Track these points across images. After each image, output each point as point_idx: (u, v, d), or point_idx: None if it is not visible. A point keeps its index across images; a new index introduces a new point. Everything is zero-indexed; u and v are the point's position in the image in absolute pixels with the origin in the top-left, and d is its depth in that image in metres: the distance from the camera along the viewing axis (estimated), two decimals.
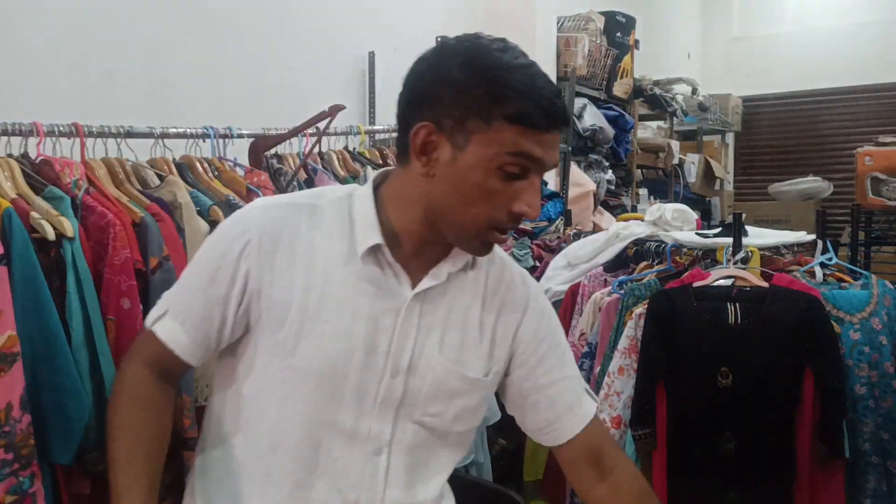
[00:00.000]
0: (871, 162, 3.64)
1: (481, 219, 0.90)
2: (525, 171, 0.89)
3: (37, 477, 1.25)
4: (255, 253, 0.94)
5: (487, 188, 0.89)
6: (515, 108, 0.86)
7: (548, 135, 0.88)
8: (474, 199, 0.90)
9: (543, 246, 2.91)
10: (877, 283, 1.83)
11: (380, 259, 0.96)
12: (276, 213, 0.97)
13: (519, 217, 0.90)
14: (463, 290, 1.01)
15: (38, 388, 1.29)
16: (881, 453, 1.72)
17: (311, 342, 0.93)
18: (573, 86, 3.70)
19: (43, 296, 1.29)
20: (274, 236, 0.94)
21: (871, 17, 6.03)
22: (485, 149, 0.88)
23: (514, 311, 1.05)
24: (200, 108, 2.10)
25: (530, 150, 0.88)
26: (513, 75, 0.87)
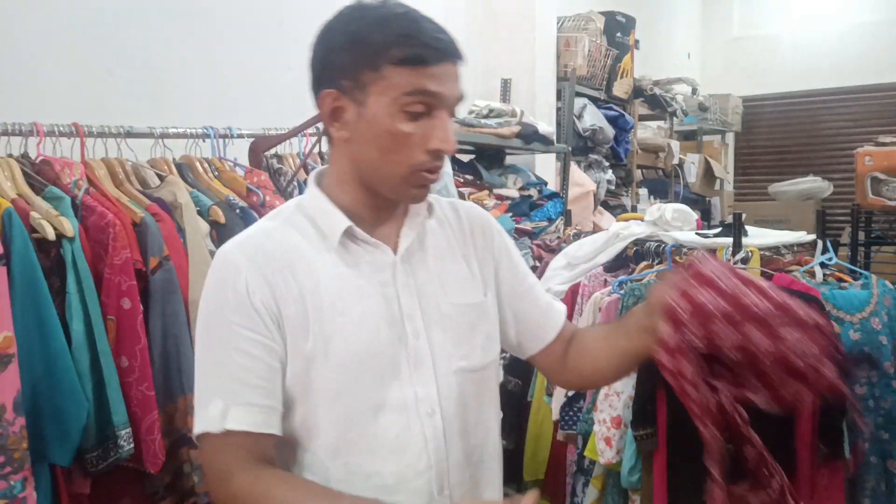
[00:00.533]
0: (871, 162, 3.64)
1: (402, 164, 0.94)
2: (429, 107, 0.93)
3: (28, 482, 1.24)
4: (257, 283, 0.94)
5: (397, 133, 0.92)
6: (399, 51, 0.90)
7: (438, 67, 0.92)
8: (389, 147, 0.93)
9: (543, 246, 2.91)
10: (877, 283, 1.83)
11: (355, 240, 0.99)
12: (250, 242, 0.99)
13: (437, 154, 0.94)
14: (437, 239, 1.07)
15: (36, 388, 1.29)
16: (881, 453, 1.73)
17: (340, 338, 0.95)
18: (573, 86, 3.70)
19: (42, 296, 1.29)
20: (261, 261, 0.95)
21: (871, 17, 6.03)
22: (382, 97, 0.92)
23: (482, 236, 1.12)
24: (200, 108, 2.10)
25: (424, 85, 0.91)
26: (391, 22, 0.92)
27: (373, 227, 1.01)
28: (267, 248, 0.97)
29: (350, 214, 0.99)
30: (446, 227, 1.09)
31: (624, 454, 1.78)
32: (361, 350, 0.96)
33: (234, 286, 0.94)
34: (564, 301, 2.31)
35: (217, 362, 0.95)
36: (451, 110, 0.95)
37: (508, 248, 1.16)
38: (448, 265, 1.06)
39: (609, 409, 1.80)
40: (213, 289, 0.96)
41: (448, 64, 0.93)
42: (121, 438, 1.37)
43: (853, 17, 6.12)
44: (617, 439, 1.79)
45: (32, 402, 1.28)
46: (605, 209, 3.95)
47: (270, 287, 0.94)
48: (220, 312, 0.94)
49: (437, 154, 0.94)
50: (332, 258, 0.98)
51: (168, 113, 1.92)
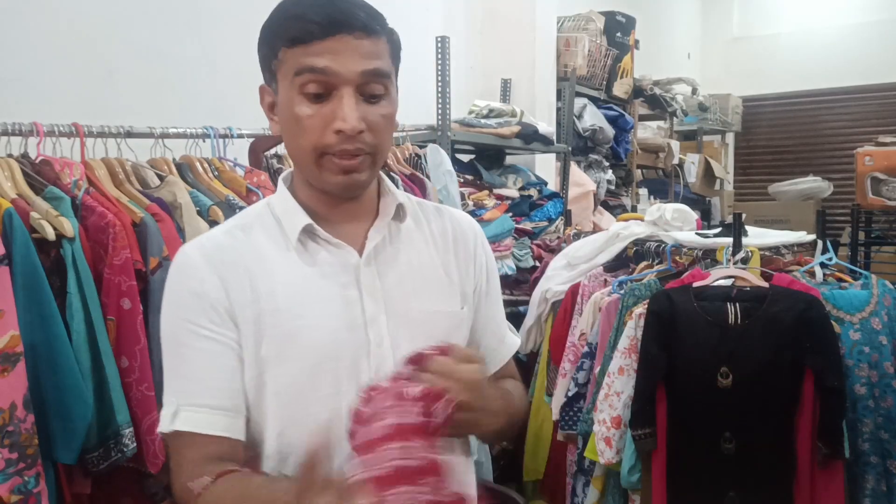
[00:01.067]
0: (871, 162, 3.64)
1: (308, 150, 0.90)
2: (326, 87, 0.88)
3: (41, 476, 1.25)
4: (214, 283, 0.92)
5: (300, 115, 0.89)
6: (287, 32, 0.88)
7: (327, 42, 0.86)
8: (296, 131, 0.90)
9: (543, 246, 2.91)
10: (877, 283, 1.83)
11: (317, 240, 0.96)
12: (209, 243, 0.97)
13: (342, 134, 0.87)
14: (413, 243, 1.02)
15: (40, 387, 1.29)
16: (880, 453, 1.73)
17: (295, 341, 0.92)
18: (573, 86, 3.69)
19: (45, 296, 1.30)
20: (219, 262, 0.93)
21: (871, 17, 6.03)
22: (284, 81, 0.90)
23: (466, 249, 1.07)
24: (200, 108, 2.10)
25: (312, 63, 0.86)
26: (284, 6, 0.90)
27: (336, 226, 0.97)
28: (226, 250, 0.95)
29: (312, 213, 0.96)
30: (425, 231, 1.04)
31: (624, 454, 1.78)
32: (317, 354, 0.92)
33: (189, 286, 0.93)
34: (564, 301, 2.32)
35: (175, 361, 0.94)
36: (354, 86, 0.88)
37: (489, 267, 1.11)
38: (423, 271, 1.01)
39: (609, 410, 1.80)
40: (172, 288, 0.95)
41: (341, 37, 0.86)
42: (125, 437, 1.37)
43: (853, 17, 6.12)
44: (617, 439, 1.79)
45: (38, 401, 1.28)
46: (605, 209, 3.95)
47: (226, 289, 0.92)
48: (177, 311, 0.94)
49: (342, 135, 0.87)
50: (293, 258, 0.95)
51: (168, 113, 1.92)
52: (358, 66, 0.87)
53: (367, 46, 0.87)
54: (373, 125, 0.90)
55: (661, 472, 1.73)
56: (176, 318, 0.94)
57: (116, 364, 1.39)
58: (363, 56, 0.87)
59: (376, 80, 0.89)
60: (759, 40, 6.54)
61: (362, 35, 0.87)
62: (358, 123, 0.87)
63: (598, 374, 1.94)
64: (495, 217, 2.66)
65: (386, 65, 0.90)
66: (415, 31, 3.00)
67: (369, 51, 0.88)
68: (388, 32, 0.92)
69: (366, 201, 1.00)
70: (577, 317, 2.25)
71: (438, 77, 2.58)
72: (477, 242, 1.09)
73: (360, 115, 0.88)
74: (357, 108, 0.88)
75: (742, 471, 1.67)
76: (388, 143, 0.95)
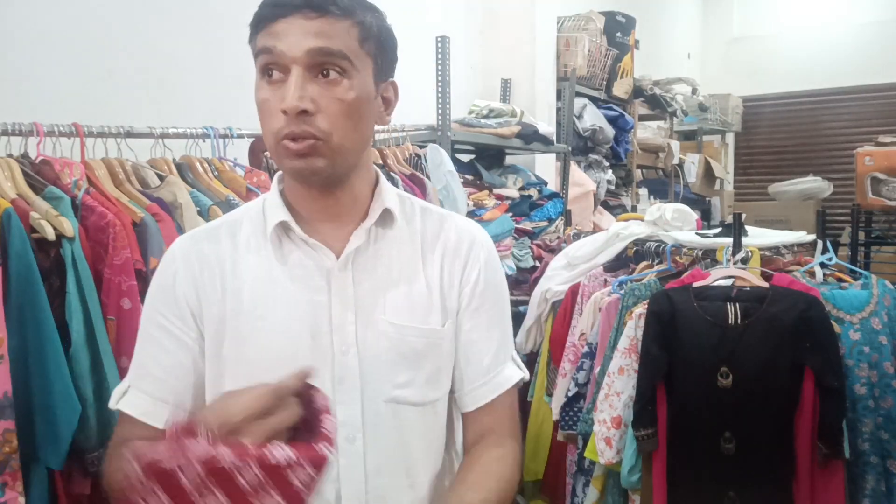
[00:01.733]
0: (871, 162, 3.64)
1: (268, 134, 0.88)
2: (279, 68, 0.85)
3: (9, 486, 1.21)
4: (185, 277, 0.93)
5: (259, 101, 0.88)
6: (253, 19, 0.88)
7: (279, 23, 0.85)
8: (261, 118, 0.89)
9: (543, 246, 2.91)
10: (877, 283, 1.83)
11: (293, 239, 0.94)
12: (195, 237, 0.98)
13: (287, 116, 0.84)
14: (398, 248, 0.97)
15: (29, 390, 1.28)
16: (880, 453, 1.72)
17: (254, 342, 0.91)
18: (573, 86, 3.70)
19: (38, 298, 1.29)
20: (197, 257, 0.94)
21: (871, 17, 6.03)
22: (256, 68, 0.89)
23: (458, 260, 0.99)
24: (200, 108, 2.10)
25: (264, 43, 0.86)
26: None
27: (317, 225, 0.94)
28: (203, 247, 0.95)
29: (294, 211, 0.94)
30: (417, 239, 0.98)
31: (624, 454, 1.78)
32: (276, 358, 0.89)
33: (165, 278, 0.95)
34: (564, 301, 2.32)
35: (139, 344, 0.96)
36: (303, 66, 0.84)
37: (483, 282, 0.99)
38: (403, 281, 0.95)
39: (609, 410, 1.80)
40: (154, 279, 0.98)
41: (293, 17, 0.84)
42: None
43: (853, 18, 6.12)
44: (617, 439, 1.79)
45: (26, 404, 1.27)
46: (605, 209, 3.95)
47: (196, 286, 0.93)
48: (150, 300, 0.96)
49: (287, 117, 0.84)
50: (267, 257, 0.93)
51: (168, 113, 1.92)
52: (304, 45, 0.83)
53: (317, 26, 0.84)
54: (323, 108, 0.85)
55: (661, 471, 1.73)
56: (149, 303, 0.97)
57: (117, 364, 1.38)
58: (312, 35, 0.84)
59: (328, 59, 0.84)
60: (759, 40, 6.55)
61: (313, 15, 0.84)
62: (299, 102, 0.83)
63: (598, 374, 1.94)
64: (495, 217, 2.66)
65: (343, 45, 0.85)
66: (415, 31, 3.01)
67: (321, 30, 0.84)
68: (361, 19, 0.87)
69: (350, 200, 0.95)
70: (577, 317, 2.24)
71: (438, 77, 2.58)
72: (472, 254, 1.00)
73: (307, 95, 0.84)
74: (303, 87, 0.84)
75: (742, 471, 1.67)
76: (349, 132, 0.87)
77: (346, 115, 0.86)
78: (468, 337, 0.99)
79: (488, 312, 1.00)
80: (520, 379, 1.03)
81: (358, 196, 0.96)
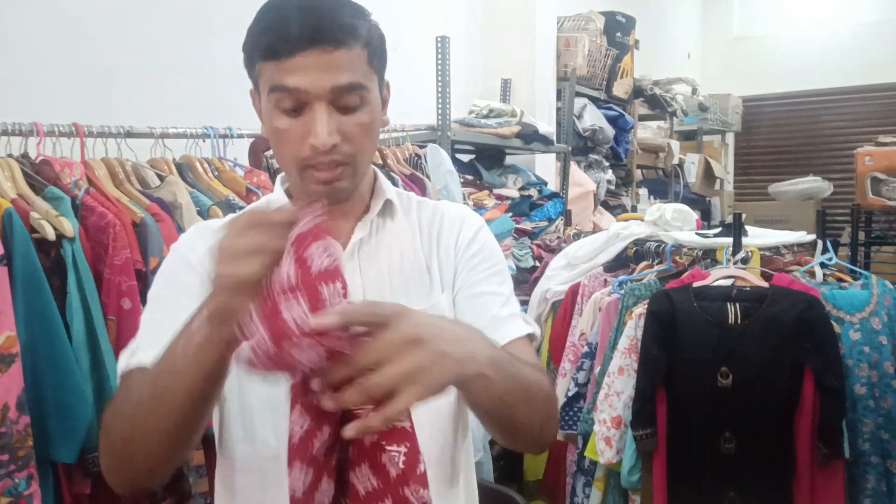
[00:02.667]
0: (871, 162, 3.64)
1: (291, 160, 0.90)
2: (299, 102, 0.86)
3: (33, 479, 1.24)
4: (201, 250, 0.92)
5: (279, 129, 0.88)
6: (260, 46, 0.86)
7: (295, 59, 0.84)
8: (277, 143, 0.90)
9: (543, 246, 2.91)
10: (877, 283, 1.83)
11: None
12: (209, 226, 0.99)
13: (315, 149, 0.86)
14: (397, 239, 1.01)
15: (40, 387, 1.29)
16: (881, 453, 1.73)
17: None
18: (573, 86, 3.70)
19: (45, 296, 1.30)
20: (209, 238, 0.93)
21: (871, 17, 6.03)
22: (264, 94, 0.89)
23: (451, 232, 1.04)
24: (200, 108, 2.10)
25: (282, 81, 0.85)
26: (261, 15, 0.87)
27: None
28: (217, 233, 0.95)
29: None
30: (415, 227, 1.04)
31: (624, 454, 1.78)
32: None
33: (180, 251, 0.96)
34: (564, 301, 2.32)
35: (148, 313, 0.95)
36: (326, 101, 0.86)
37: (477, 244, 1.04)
38: (405, 266, 1.00)
39: (609, 410, 1.80)
40: (164, 263, 0.98)
41: (310, 52, 0.83)
42: None
43: (853, 18, 6.12)
44: (617, 439, 1.79)
45: (37, 400, 1.28)
46: (605, 209, 3.95)
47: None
48: (163, 271, 0.97)
49: (316, 150, 0.86)
50: None
51: (168, 113, 1.92)
52: (328, 82, 0.85)
53: (338, 59, 0.85)
54: (349, 136, 0.88)
55: (661, 471, 1.73)
56: (159, 275, 0.97)
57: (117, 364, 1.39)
58: (334, 71, 0.85)
59: (350, 92, 0.87)
60: (759, 40, 6.55)
61: (332, 49, 0.84)
62: (329, 138, 0.86)
63: (598, 374, 1.94)
64: (495, 217, 2.66)
65: (360, 75, 0.87)
66: (415, 31, 3.01)
67: (340, 64, 0.85)
68: (365, 37, 0.88)
69: (357, 199, 1.00)
70: (577, 317, 2.25)
71: (438, 77, 2.58)
72: (464, 224, 1.04)
73: (335, 128, 0.86)
74: (330, 122, 0.86)
75: (742, 471, 1.67)
76: (368, 150, 0.93)
77: (367, 137, 0.91)
78: (471, 290, 1.01)
79: (488, 270, 1.03)
80: (530, 332, 1.02)
81: (361, 194, 1.01)
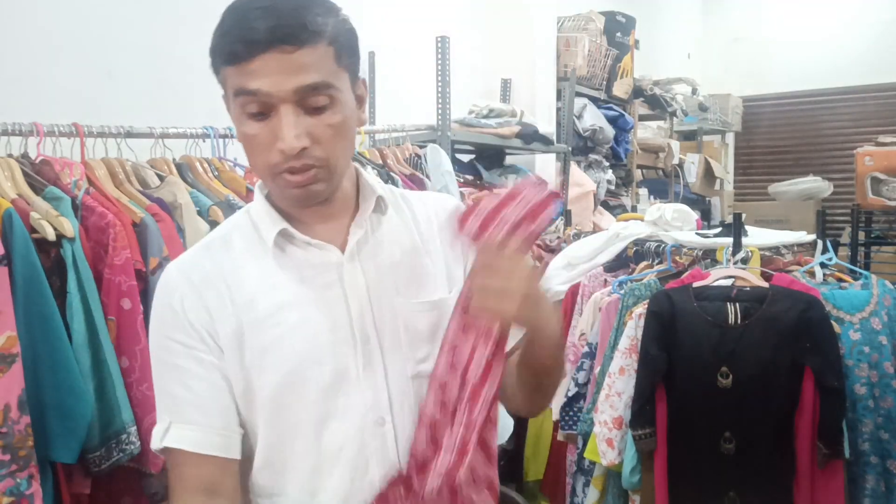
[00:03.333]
0: (871, 162, 3.64)
1: (262, 167, 0.87)
2: (265, 106, 0.83)
3: (34, 478, 1.25)
4: (192, 302, 0.92)
5: (245, 135, 0.86)
6: (221, 50, 0.84)
7: (256, 61, 0.81)
8: (248, 150, 0.88)
9: (543, 246, 2.91)
10: (877, 283, 1.83)
11: (296, 243, 0.94)
12: (189, 259, 0.97)
13: (284, 154, 0.84)
14: (395, 234, 1.00)
15: (40, 387, 1.29)
16: (880, 453, 1.73)
17: (274, 350, 0.91)
18: (573, 86, 3.70)
19: (44, 296, 1.30)
20: (197, 278, 0.93)
21: (871, 17, 6.03)
22: (229, 100, 0.87)
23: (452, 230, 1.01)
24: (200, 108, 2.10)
25: (244, 84, 0.82)
26: (223, 18, 0.84)
27: (313, 227, 0.95)
28: (204, 267, 0.94)
29: (287, 216, 0.95)
30: (409, 221, 1.02)
31: (625, 455, 1.78)
32: (297, 361, 0.90)
33: (171, 305, 0.92)
34: (564, 301, 2.32)
35: (163, 378, 0.93)
36: (292, 103, 0.83)
37: None
38: (406, 261, 0.98)
39: (610, 410, 1.80)
40: (155, 309, 0.95)
41: (270, 53, 0.80)
42: (131, 435, 1.38)
43: (853, 18, 6.12)
44: (618, 440, 1.78)
45: (37, 400, 1.28)
46: (605, 209, 3.95)
47: (206, 307, 0.91)
48: (161, 328, 0.93)
49: (284, 154, 0.83)
50: (270, 265, 0.93)
51: (168, 113, 1.92)
52: (291, 84, 0.81)
53: (299, 59, 0.81)
54: (318, 137, 0.85)
55: (661, 472, 1.73)
56: (159, 334, 0.93)
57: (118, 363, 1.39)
58: (297, 71, 0.81)
59: (316, 93, 0.83)
60: (759, 40, 6.54)
61: (293, 48, 0.80)
62: (297, 141, 0.83)
63: (598, 374, 1.94)
64: None
65: (326, 73, 0.84)
66: (415, 31, 3.01)
67: (303, 63, 0.81)
68: (330, 34, 0.84)
69: (341, 199, 0.97)
70: (577, 317, 2.25)
71: (438, 77, 2.58)
72: None
73: (303, 131, 0.83)
74: (297, 125, 0.83)
75: (742, 471, 1.67)
76: (342, 150, 0.89)
77: (339, 137, 0.88)
78: None
79: None
80: None
81: (346, 193, 0.98)
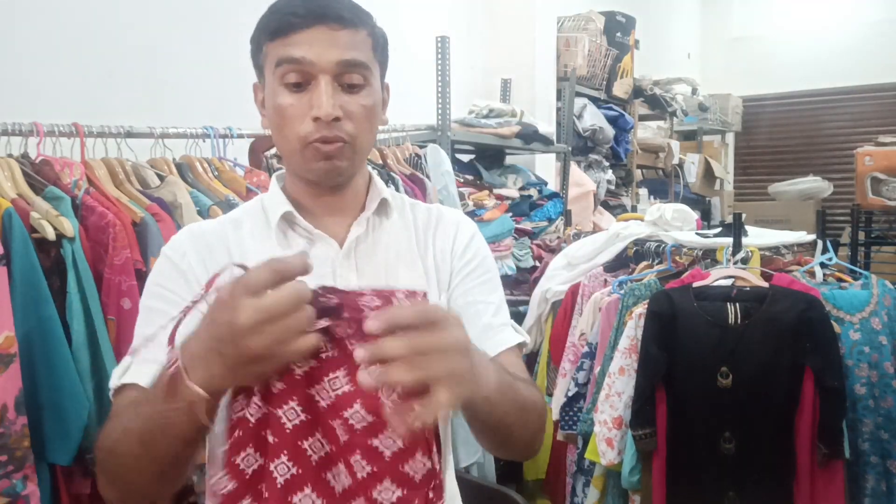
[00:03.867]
0: (871, 162, 3.64)
1: (292, 139, 0.92)
2: (305, 76, 0.90)
3: (30, 479, 1.24)
4: (194, 256, 0.94)
5: (280, 106, 0.91)
6: (269, 26, 0.91)
7: (304, 34, 0.89)
8: (279, 123, 0.93)
9: (543, 246, 2.91)
10: (877, 283, 1.83)
11: (297, 230, 0.98)
12: (199, 228, 1.00)
13: (319, 122, 0.90)
14: (395, 236, 1.02)
15: (36, 388, 1.29)
16: (880, 453, 1.73)
17: None
18: (573, 86, 3.70)
19: (43, 296, 1.29)
20: (203, 245, 0.96)
21: (871, 17, 6.03)
22: (268, 73, 0.93)
23: (447, 236, 1.06)
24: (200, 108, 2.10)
25: (289, 53, 0.89)
26: (271, 5, 0.92)
27: (319, 218, 0.99)
28: (209, 234, 0.98)
29: (296, 204, 0.98)
30: (410, 226, 1.05)
31: (625, 455, 1.78)
32: None
33: (171, 259, 0.96)
34: (564, 301, 2.32)
35: (141, 326, 0.95)
36: (332, 76, 0.90)
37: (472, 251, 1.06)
38: (400, 264, 1.00)
39: (610, 410, 1.80)
40: (156, 265, 0.97)
41: (317, 28, 0.89)
42: None
43: (853, 17, 6.13)
44: (618, 440, 1.78)
45: (33, 401, 1.28)
46: (605, 209, 3.95)
47: (205, 263, 0.94)
48: (155, 280, 0.96)
49: (319, 123, 0.90)
50: (273, 248, 0.96)
51: (168, 113, 1.92)
52: (334, 56, 0.89)
53: (344, 37, 0.90)
54: (351, 114, 0.91)
55: (661, 472, 1.73)
56: (152, 283, 0.96)
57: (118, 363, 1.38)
58: (340, 46, 0.89)
59: (354, 69, 0.91)
60: (759, 40, 6.54)
61: (339, 26, 0.89)
62: (333, 110, 0.89)
63: (598, 374, 1.94)
64: (495, 217, 2.66)
65: (364, 56, 0.92)
66: (415, 31, 3.01)
67: (346, 41, 0.90)
68: (371, 27, 0.94)
69: (351, 196, 1.01)
70: (577, 317, 2.24)
71: (438, 77, 2.58)
72: (459, 230, 1.07)
73: (338, 104, 0.90)
74: (334, 97, 0.90)
75: (742, 471, 1.67)
76: (368, 134, 0.96)
77: (368, 119, 0.94)
78: (465, 299, 1.03)
79: (480, 277, 1.05)
80: (521, 342, 1.04)
81: (357, 191, 1.02)
